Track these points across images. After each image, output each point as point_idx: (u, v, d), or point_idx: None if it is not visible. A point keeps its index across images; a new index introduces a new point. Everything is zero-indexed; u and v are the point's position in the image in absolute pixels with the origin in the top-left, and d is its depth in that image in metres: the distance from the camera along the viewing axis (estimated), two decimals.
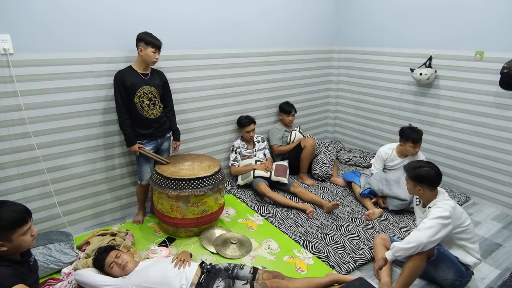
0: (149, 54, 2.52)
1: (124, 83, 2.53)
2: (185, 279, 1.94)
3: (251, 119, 3.53)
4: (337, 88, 4.52)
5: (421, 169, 2.10)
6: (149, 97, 2.64)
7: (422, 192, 2.12)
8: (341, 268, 2.36)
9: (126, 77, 2.53)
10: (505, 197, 3.18)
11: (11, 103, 2.36)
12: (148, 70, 2.65)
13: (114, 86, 2.54)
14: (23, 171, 2.51)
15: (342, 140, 4.68)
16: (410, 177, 2.14)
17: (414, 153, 3.11)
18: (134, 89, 2.57)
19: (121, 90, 2.54)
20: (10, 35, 2.27)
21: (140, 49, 2.52)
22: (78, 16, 2.49)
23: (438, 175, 2.11)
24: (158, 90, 2.70)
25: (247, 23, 3.43)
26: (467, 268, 2.13)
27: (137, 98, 2.59)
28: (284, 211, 3.08)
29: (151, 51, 2.52)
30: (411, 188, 2.17)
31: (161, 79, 2.74)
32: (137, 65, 2.60)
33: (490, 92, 3.11)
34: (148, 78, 2.64)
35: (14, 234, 1.53)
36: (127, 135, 2.62)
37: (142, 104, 2.63)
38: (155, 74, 2.70)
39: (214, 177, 2.64)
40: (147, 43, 2.49)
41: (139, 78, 2.59)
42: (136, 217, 2.97)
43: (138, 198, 2.96)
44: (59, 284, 2.09)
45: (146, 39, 2.49)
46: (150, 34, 2.53)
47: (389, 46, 3.83)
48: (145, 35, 2.51)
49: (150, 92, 2.65)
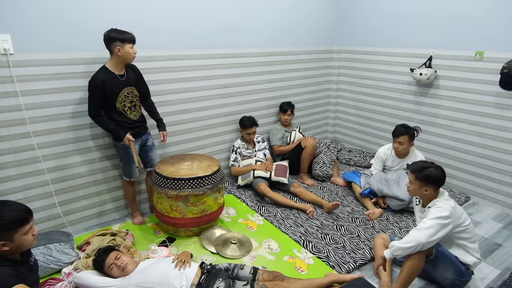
0: (128, 51, 2.38)
1: (104, 90, 2.39)
2: (185, 280, 1.94)
3: (254, 121, 3.52)
4: (337, 88, 4.52)
5: (429, 169, 2.08)
6: (129, 99, 2.55)
7: (427, 193, 2.10)
8: (341, 268, 2.36)
9: (105, 83, 2.37)
10: (505, 197, 3.18)
11: (11, 103, 2.37)
12: (124, 70, 2.51)
13: (91, 91, 2.39)
14: (24, 171, 2.51)
15: (342, 140, 4.68)
16: (418, 178, 2.10)
17: (398, 149, 3.10)
18: (115, 94, 2.45)
19: (99, 97, 2.40)
20: (10, 35, 2.27)
21: (117, 49, 2.35)
22: (78, 16, 2.49)
23: (444, 175, 2.12)
24: (136, 88, 2.60)
25: (247, 23, 3.43)
26: (467, 268, 2.13)
27: (118, 103, 2.49)
28: (284, 211, 3.08)
29: (129, 47, 2.38)
30: (416, 189, 2.13)
31: (135, 73, 2.61)
32: (113, 66, 2.43)
33: (490, 92, 3.11)
34: (125, 78, 2.50)
35: (16, 234, 1.53)
36: (114, 129, 2.49)
37: (124, 108, 2.54)
38: (129, 72, 2.56)
39: (213, 177, 2.65)
40: (123, 40, 2.33)
41: (117, 81, 2.45)
42: (136, 219, 2.93)
43: (129, 198, 2.88)
44: (59, 284, 2.09)
45: (120, 37, 2.33)
46: (121, 30, 2.36)
47: (389, 46, 3.83)
48: (117, 33, 2.34)
49: (130, 93, 2.55)
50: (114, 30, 2.36)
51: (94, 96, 2.40)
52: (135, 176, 2.79)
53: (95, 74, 2.40)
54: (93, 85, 2.38)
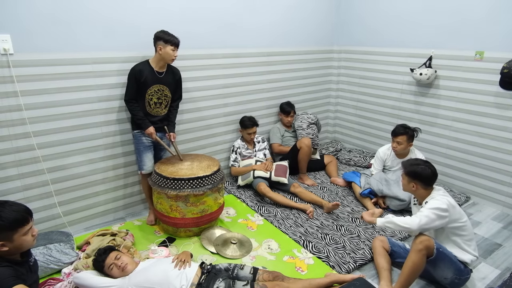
0: (168, 52, 2.55)
1: (139, 79, 2.57)
2: (185, 279, 1.94)
3: (254, 121, 3.52)
4: (337, 88, 4.52)
5: (417, 166, 2.15)
6: (158, 95, 2.69)
7: (415, 189, 2.17)
8: (341, 268, 2.36)
9: (142, 72, 2.57)
10: (505, 197, 3.18)
11: (11, 103, 2.37)
12: (164, 68, 2.69)
13: (129, 78, 2.59)
14: (24, 171, 2.51)
15: (342, 140, 4.68)
16: (406, 173, 2.19)
17: (396, 149, 3.11)
18: (147, 86, 2.62)
19: (134, 84, 2.58)
20: (10, 35, 2.27)
21: (159, 48, 2.55)
22: (78, 16, 2.49)
23: (434, 174, 2.13)
24: (170, 89, 2.75)
25: (247, 24, 3.43)
26: (465, 266, 2.13)
27: (147, 94, 2.65)
28: (284, 211, 3.08)
29: (170, 49, 2.55)
30: (405, 184, 2.22)
31: (175, 77, 2.79)
32: (154, 62, 2.64)
33: (490, 92, 3.11)
34: (162, 76, 2.68)
35: (16, 234, 1.53)
36: (141, 118, 2.65)
37: (150, 101, 2.68)
38: (170, 72, 2.74)
39: (213, 177, 2.65)
40: (166, 41, 2.53)
41: (153, 75, 2.63)
42: (149, 217, 2.93)
43: (145, 192, 2.93)
44: (59, 284, 2.09)
45: (164, 38, 2.53)
46: (168, 33, 2.57)
47: (389, 46, 3.83)
48: (163, 34, 2.55)
49: (161, 90, 2.69)
50: (162, 31, 2.57)
51: (130, 82, 2.60)
52: (145, 169, 2.79)
53: (137, 64, 2.62)
54: (131, 72, 2.59)
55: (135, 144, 2.80)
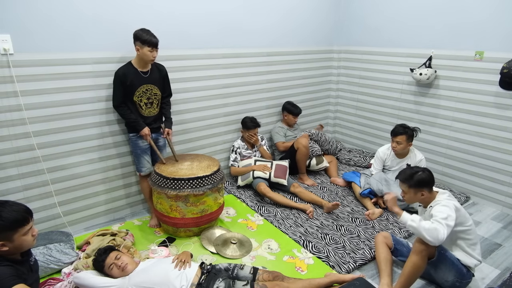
0: (146, 53, 2.47)
1: (125, 82, 2.53)
2: (186, 280, 1.94)
3: (256, 122, 3.51)
4: (337, 88, 4.52)
5: (418, 174, 2.09)
6: (147, 95, 2.65)
7: (424, 197, 2.10)
8: (341, 268, 2.36)
9: (126, 76, 2.52)
10: (505, 197, 3.18)
11: (11, 103, 2.37)
12: (148, 67, 2.63)
13: (114, 83, 2.54)
14: (24, 171, 2.51)
15: (342, 140, 4.68)
16: (411, 186, 2.09)
17: (396, 148, 3.10)
18: (134, 88, 2.57)
19: (121, 88, 2.54)
20: (10, 35, 2.27)
21: (137, 48, 2.48)
22: (78, 16, 2.49)
23: (433, 175, 2.13)
24: (158, 86, 2.70)
25: (247, 24, 3.43)
26: (468, 270, 2.12)
27: (136, 97, 2.60)
28: (284, 211, 3.08)
29: (148, 50, 2.46)
30: (411, 197, 2.12)
31: (161, 74, 2.73)
32: (136, 62, 2.58)
33: (490, 92, 3.11)
34: (148, 75, 2.62)
35: (16, 234, 1.53)
36: (134, 120, 2.61)
37: (140, 103, 2.64)
38: (155, 70, 2.68)
39: (213, 177, 2.65)
40: (143, 42, 2.43)
41: (139, 76, 2.58)
42: (152, 221, 2.91)
43: (144, 194, 2.93)
44: (59, 284, 2.09)
45: (141, 38, 2.42)
46: (147, 31, 2.45)
47: (389, 46, 3.83)
48: (141, 33, 2.43)
49: (149, 90, 2.65)
50: (141, 30, 2.46)
51: (116, 87, 2.55)
52: (144, 171, 2.79)
53: (120, 68, 2.56)
54: (115, 76, 2.54)
55: (132, 147, 2.78)
